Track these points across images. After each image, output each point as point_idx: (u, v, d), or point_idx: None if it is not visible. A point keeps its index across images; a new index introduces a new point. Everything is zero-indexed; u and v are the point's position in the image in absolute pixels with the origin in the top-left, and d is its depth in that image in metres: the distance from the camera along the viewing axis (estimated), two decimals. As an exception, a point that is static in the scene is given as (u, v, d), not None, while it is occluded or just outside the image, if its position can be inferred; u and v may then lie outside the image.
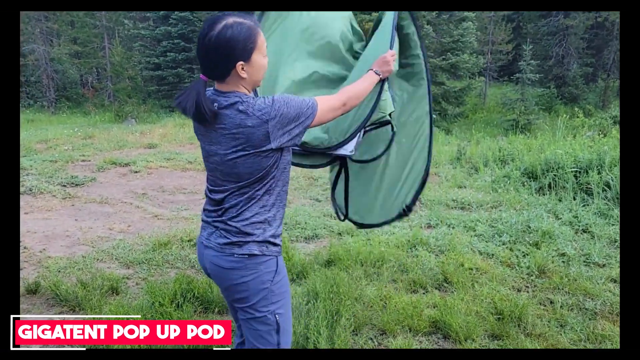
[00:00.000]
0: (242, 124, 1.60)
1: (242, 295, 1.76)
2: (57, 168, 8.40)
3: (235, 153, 1.64)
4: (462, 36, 18.71)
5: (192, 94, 1.59)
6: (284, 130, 1.63)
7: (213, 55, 1.60)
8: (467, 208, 5.94)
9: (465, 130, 17.25)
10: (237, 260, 1.73)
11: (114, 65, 23.78)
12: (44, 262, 4.18)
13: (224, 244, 1.74)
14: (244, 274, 1.74)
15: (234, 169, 1.67)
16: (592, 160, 6.40)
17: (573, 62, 24.46)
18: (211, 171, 1.77)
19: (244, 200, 1.72)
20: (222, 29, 1.57)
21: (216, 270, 1.79)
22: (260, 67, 1.69)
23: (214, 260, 1.77)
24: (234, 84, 1.66)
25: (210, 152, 1.72)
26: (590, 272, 3.93)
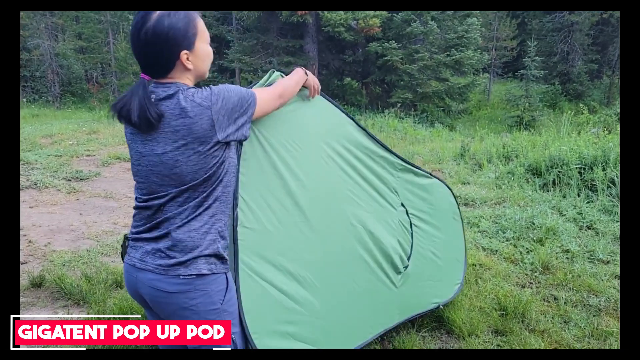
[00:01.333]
0: (183, 114, 1.44)
1: (191, 319, 1.56)
2: (62, 163, 8.43)
3: (177, 150, 1.46)
4: (467, 32, 18.63)
5: (135, 99, 1.42)
6: (229, 120, 1.49)
7: (152, 49, 1.44)
8: (471, 204, 5.93)
9: (469, 127, 17.21)
10: (184, 282, 1.51)
11: (118, 60, 23.78)
12: (48, 256, 4.21)
13: (167, 265, 1.52)
14: (193, 296, 1.53)
15: (174, 168, 1.47)
16: (596, 156, 6.37)
17: (578, 58, 24.32)
18: (145, 177, 1.55)
19: (190, 208, 1.52)
20: (159, 19, 1.43)
21: (158, 295, 1.54)
22: (206, 56, 1.56)
23: (154, 284, 1.53)
24: (177, 77, 1.52)
25: (144, 153, 1.51)
26: (594, 269, 3.92)
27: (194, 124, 1.44)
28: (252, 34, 20.66)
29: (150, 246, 1.55)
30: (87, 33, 26.09)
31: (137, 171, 1.57)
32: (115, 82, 24.15)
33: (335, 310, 2.31)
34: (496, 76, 27.73)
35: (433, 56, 18.33)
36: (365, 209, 2.45)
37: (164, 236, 1.53)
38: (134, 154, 1.57)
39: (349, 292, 2.39)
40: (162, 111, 1.44)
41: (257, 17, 18.50)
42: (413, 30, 17.94)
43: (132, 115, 1.42)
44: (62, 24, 25.32)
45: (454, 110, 19.70)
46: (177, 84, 1.49)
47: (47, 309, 3.29)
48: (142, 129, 1.46)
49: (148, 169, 1.52)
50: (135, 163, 1.57)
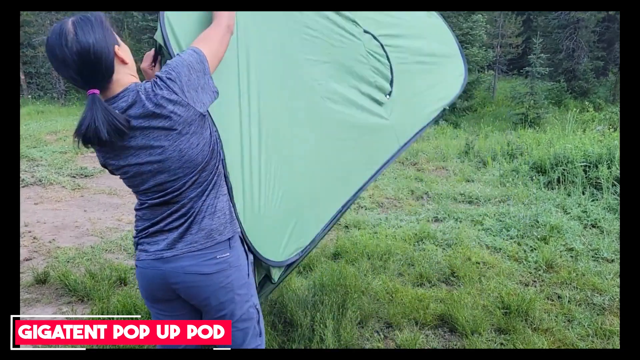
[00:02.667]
0: (158, 110, 1.43)
1: (227, 297, 1.63)
2: (66, 159, 8.46)
3: (175, 140, 1.48)
4: (472, 29, 18.57)
5: (97, 116, 1.37)
6: (197, 91, 1.49)
7: (88, 59, 1.39)
8: (475, 202, 5.92)
9: (473, 124, 17.15)
10: (221, 261, 1.60)
11: (123, 57, 23.81)
12: (53, 253, 4.23)
13: (202, 249, 1.57)
14: (229, 273, 1.62)
15: (182, 157, 1.50)
16: (602, 154, 6.34)
17: (584, 55, 24.18)
18: (149, 182, 1.54)
19: (209, 190, 1.59)
20: (77, 28, 1.39)
21: (195, 280, 1.59)
22: (127, 47, 1.56)
23: (192, 269, 1.57)
24: (121, 78, 1.48)
25: (141, 162, 1.50)
26: (598, 267, 3.91)
27: (173, 114, 1.44)
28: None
29: (178, 234, 1.57)
30: (92, 30, 26.09)
31: (138, 182, 1.55)
32: (120, 78, 24.17)
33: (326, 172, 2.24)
34: (501, 73, 27.62)
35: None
36: (323, 61, 2.25)
37: (191, 222, 1.57)
38: (127, 169, 1.53)
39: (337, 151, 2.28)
40: (130, 117, 1.43)
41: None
42: (418, 27, 17.86)
43: (100, 133, 1.37)
44: (67, 21, 25.33)
45: (459, 107, 19.64)
46: (129, 88, 1.47)
47: (51, 305, 3.31)
48: (114, 143, 1.43)
49: (152, 174, 1.52)
50: (135, 176, 1.54)
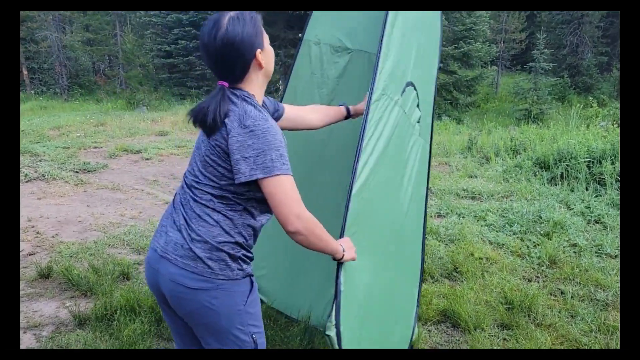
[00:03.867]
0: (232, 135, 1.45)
1: (209, 320, 1.54)
2: (69, 154, 8.47)
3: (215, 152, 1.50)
4: (475, 24, 18.49)
5: (212, 103, 1.45)
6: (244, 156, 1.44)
7: (230, 54, 1.44)
8: (478, 198, 5.91)
9: (476, 120, 17.10)
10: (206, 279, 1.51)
11: (125, 52, 23.83)
12: (56, 247, 4.23)
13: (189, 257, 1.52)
14: (215, 295, 1.52)
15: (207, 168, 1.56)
16: (605, 150, 6.32)
17: (587, 51, 24.08)
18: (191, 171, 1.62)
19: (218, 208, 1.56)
20: (230, 23, 1.44)
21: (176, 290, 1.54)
22: (271, 53, 1.59)
23: (174, 277, 1.54)
24: (250, 83, 1.53)
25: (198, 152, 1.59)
26: (602, 263, 3.90)
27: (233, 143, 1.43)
28: (260, 26, 20.57)
29: (175, 237, 1.53)
30: (95, 25, 26.14)
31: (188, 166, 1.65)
32: (123, 74, 24.21)
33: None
34: (504, 69, 27.53)
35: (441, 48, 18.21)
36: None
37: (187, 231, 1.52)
38: (194, 150, 1.63)
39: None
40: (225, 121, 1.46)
41: (264, 9, 18.40)
42: (421, 22, 17.79)
43: (207, 120, 1.44)
44: (70, 16, 25.38)
45: (462, 103, 19.59)
46: (245, 93, 1.51)
47: (54, 299, 3.32)
48: (206, 131, 1.49)
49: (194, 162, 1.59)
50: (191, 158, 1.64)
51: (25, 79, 23.60)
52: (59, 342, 2.79)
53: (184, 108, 16.57)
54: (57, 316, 3.10)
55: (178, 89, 21.97)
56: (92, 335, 2.81)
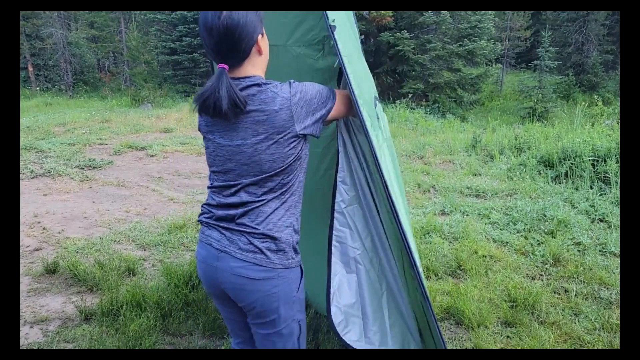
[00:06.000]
0: (264, 105, 1.47)
1: (271, 307, 1.58)
2: (75, 151, 8.51)
3: (257, 140, 1.49)
4: (480, 22, 18.43)
5: (222, 87, 1.42)
6: (307, 112, 1.51)
7: (231, 36, 1.44)
8: (482, 196, 5.91)
9: (481, 118, 17.07)
10: (268, 269, 1.55)
11: (130, 49, 23.87)
12: (62, 243, 4.26)
13: (249, 251, 1.54)
14: (276, 283, 1.56)
15: (253, 157, 1.50)
16: (610, 149, 6.30)
17: (593, 49, 23.98)
18: (221, 165, 1.58)
19: (268, 199, 1.55)
20: (231, 12, 1.46)
21: (239, 283, 1.56)
22: (268, 44, 1.60)
23: (237, 270, 1.55)
24: (251, 66, 1.53)
25: (222, 143, 1.55)
26: (606, 262, 3.90)
27: (274, 113, 1.46)
28: (263, 24, 20.58)
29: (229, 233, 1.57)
30: (100, 22, 26.20)
31: (214, 161, 1.60)
32: (127, 71, 24.25)
33: None
34: (509, 67, 27.44)
35: (445, 46, 18.17)
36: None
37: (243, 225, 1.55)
38: (210, 144, 1.59)
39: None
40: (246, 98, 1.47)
41: (269, 6, 18.39)
42: (425, 20, 17.77)
43: (221, 103, 1.42)
44: (75, 13, 25.42)
45: (466, 101, 19.54)
46: (254, 77, 1.52)
47: (60, 294, 3.35)
48: (228, 116, 1.46)
49: (226, 158, 1.55)
50: (212, 154, 1.59)
51: (31, 76, 23.69)
52: (66, 336, 2.81)
53: (188, 105, 16.59)
54: (63, 311, 3.13)
55: (182, 86, 22.01)
56: (98, 330, 2.84)
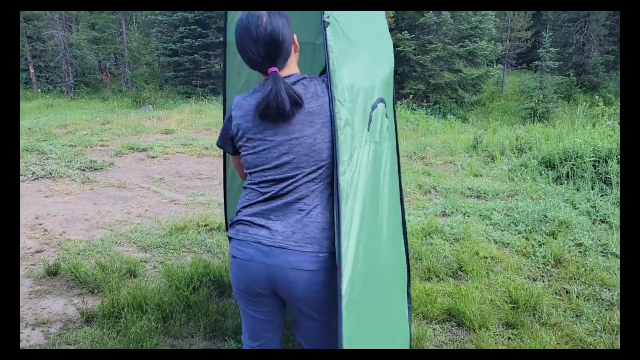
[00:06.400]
0: (315, 96, 1.59)
1: (325, 298, 1.63)
2: (76, 152, 8.52)
3: (315, 130, 1.58)
4: (481, 23, 18.42)
5: (281, 90, 1.53)
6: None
7: (277, 39, 1.58)
8: (483, 197, 5.90)
9: (482, 119, 17.07)
10: (323, 260, 1.60)
11: (131, 51, 23.91)
12: (63, 245, 4.27)
13: (306, 242, 1.60)
14: (329, 274, 1.61)
15: (313, 146, 1.58)
16: (611, 149, 6.30)
17: (594, 49, 23.97)
18: (276, 160, 1.62)
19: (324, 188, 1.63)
20: (271, 16, 1.59)
21: (297, 276, 1.60)
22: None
23: (294, 264, 1.59)
24: (292, 63, 1.67)
25: (277, 140, 1.60)
26: (607, 263, 3.89)
27: (325, 104, 1.58)
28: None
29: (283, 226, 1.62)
30: (101, 23, 26.25)
31: (265, 159, 1.64)
32: (128, 72, 24.30)
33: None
34: (510, 67, 27.43)
35: (446, 47, 18.17)
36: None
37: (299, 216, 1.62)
38: (259, 144, 1.64)
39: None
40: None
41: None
42: (426, 20, 17.78)
43: (285, 104, 1.52)
44: (76, 15, 25.48)
45: (467, 101, 19.53)
46: (297, 74, 1.65)
47: (62, 297, 3.35)
48: (291, 114, 1.56)
49: (282, 152, 1.61)
50: (263, 152, 1.63)
51: (32, 77, 23.74)
52: (67, 338, 2.82)
53: (189, 106, 16.61)
54: (64, 313, 3.13)
55: (183, 87, 22.03)
56: (100, 332, 2.84)
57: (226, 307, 3.10)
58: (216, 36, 21.83)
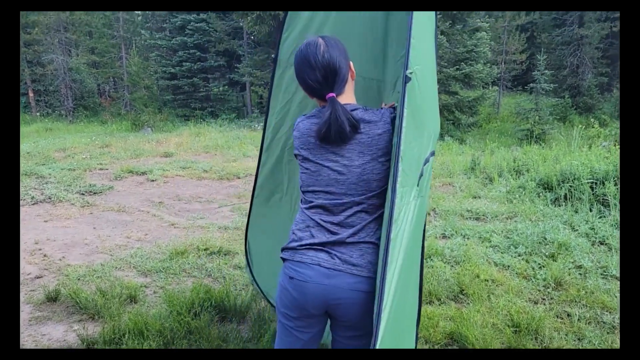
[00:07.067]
0: (367, 130, 1.65)
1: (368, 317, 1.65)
2: (75, 176, 8.54)
3: (364, 159, 1.65)
4: (476, 46, 18.67)
5: (340, 116, 1.60)
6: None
7: (334, 67, 1.66)
8: (482, 219, 5.92)
9: (479, 140, 17.18)
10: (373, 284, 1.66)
11: (131, 74, 24.13)
12: (63, 270, 4.26)
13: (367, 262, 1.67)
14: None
15: (362, 176, 1.66)
16: (608, 171, 6.34)
17: (588, 71, 24.28)
18: (326, 185, 1.70)
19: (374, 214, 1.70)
20: (328, 45, 1.68)
21: (355, 297, 1.67)
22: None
23: (354, 285, 1.66)
24: (349, 91, 1.74)
25: (328, 165, 1.69)
26: (607, 285, 3.90)
27: (377, 137, 1.65)
28: (263, 48, 20.89)
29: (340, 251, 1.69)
30: (100, 48, 26.54)
31: (316, 181, 1.73)
32: (127, 96, 24.47)
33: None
34: (505, 89, 27.72)
35: (442, 70, 18.37)
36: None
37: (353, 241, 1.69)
38: (311, 166, 1.73)
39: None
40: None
41: (268, 32, 18.72)
42: (422, 44, 17.98)
43: (344, 127, 1.61)
44: (76, 39, 25.76)
45: (464, 123, 19.68)
46: (354, 104, 1.73)
47: (62, 323, 3.33)
48: (348, 139, 1.64)
49: (331, 177, 1.70)
50: (314, 174, 1.73)
51: (31, 101, 23.88)
52: (68, 366, 2.79)
53: (188, 129, 16.72)
54: (65, 340, 3.11)
55: (182, 110, 22.22)
56: (101, 359, 2.82)
57: (228, 332, 3.08)
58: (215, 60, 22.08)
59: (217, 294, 3.49)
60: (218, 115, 21.74)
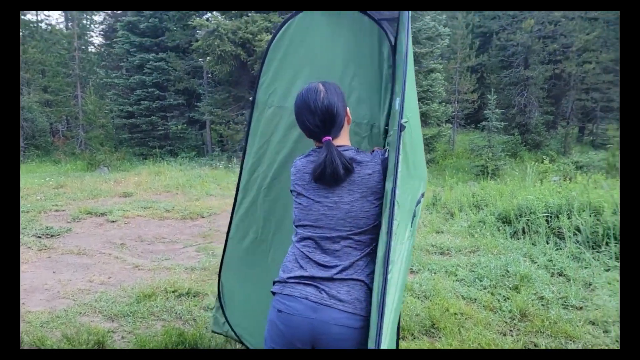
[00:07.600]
0: (358, 170, 1.74)
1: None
2: (29, 219, 8.22)
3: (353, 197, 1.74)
4: (431, 86, 19.48)
5: (335, 159, 1.70)
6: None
7: (332, 111, 1.77)
8: (447, 253, 6.07)
9: (437, 176, 17.67)
10: (366, 318, 1.70)
11: (86, 113, 23.68)
12: (25, 317, 4.07)
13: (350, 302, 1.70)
14: (365, 332, 1.69)
15: (349, 213, 1.74)
16: (561, 205, 6.68)
17: (534, 110, 25.63)
18: (315, 220, 1.79)
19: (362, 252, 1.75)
20: (326, 91, 1.78)
21: (340, 332, 1.69)
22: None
23: (339, 321, 1.69)
24: (344, 134, 1.85)
25: (318, 200, 1.78)
26: (569, 315, 4.06)
27: (367, 176, 1.74)
28: (224, 87, 21.00)
29: (328, 286, 1.72)
30: (54, 86, 25.99)
31: (306, 215, 1.81)
32: (83, 135, 23.93)
33: None
34: (459, 127, 28.79)
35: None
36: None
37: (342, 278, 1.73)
38: (303, 200, 1.82)
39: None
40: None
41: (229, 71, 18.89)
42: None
43: (339, 169, 1.70)
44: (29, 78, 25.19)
45: (421, 160, 20.22)
46: (347, 145, 1.83)
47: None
48: (342, 180, 1.74)
49: (320, 212, 1.78)
50: (305, 208, 1.82)
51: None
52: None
53: (147, 168, 16.44)
54: (30, 391, 2.96)
55: (140, 148, 21.86)
56: (71, 410, 2.70)
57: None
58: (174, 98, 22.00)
59: (190, 337, 3.43)
60: (177, 154, 21.51)
